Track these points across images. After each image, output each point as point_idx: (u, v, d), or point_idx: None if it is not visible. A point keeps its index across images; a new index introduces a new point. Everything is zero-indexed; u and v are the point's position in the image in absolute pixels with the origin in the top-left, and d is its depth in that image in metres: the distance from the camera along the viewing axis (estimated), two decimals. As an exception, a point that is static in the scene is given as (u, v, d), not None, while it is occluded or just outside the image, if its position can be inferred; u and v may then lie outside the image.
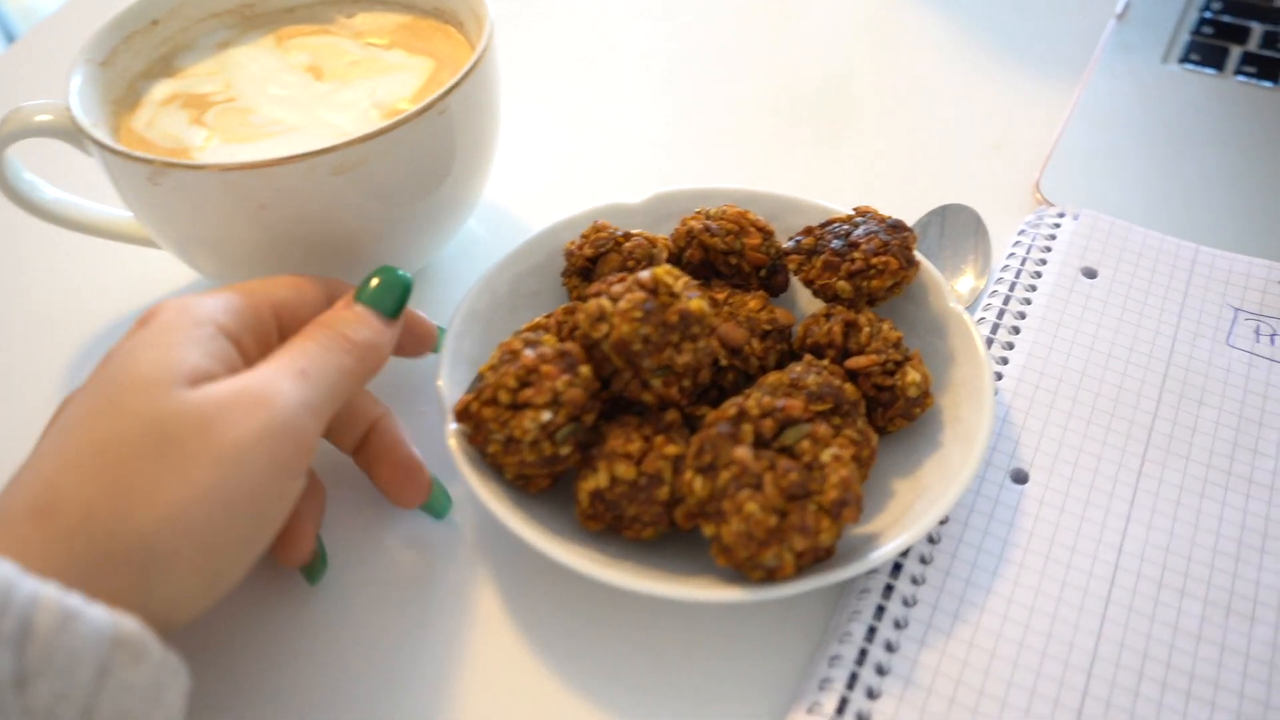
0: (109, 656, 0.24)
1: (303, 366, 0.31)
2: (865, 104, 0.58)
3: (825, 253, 0.39)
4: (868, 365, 0.36)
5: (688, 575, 0.33)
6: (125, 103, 0.44)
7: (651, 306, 0.33)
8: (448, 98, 0.39)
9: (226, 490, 0.27)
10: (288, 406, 0.29)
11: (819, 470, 0.31)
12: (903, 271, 0.38)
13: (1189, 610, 0.34)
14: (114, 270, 0.50)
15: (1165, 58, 0.58)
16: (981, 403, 0.36)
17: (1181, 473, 0.38)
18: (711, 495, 0.31)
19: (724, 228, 0.40)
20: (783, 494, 0.31)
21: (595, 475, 0.33)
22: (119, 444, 0.27)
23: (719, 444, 0.32)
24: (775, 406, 0.32)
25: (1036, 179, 0.51)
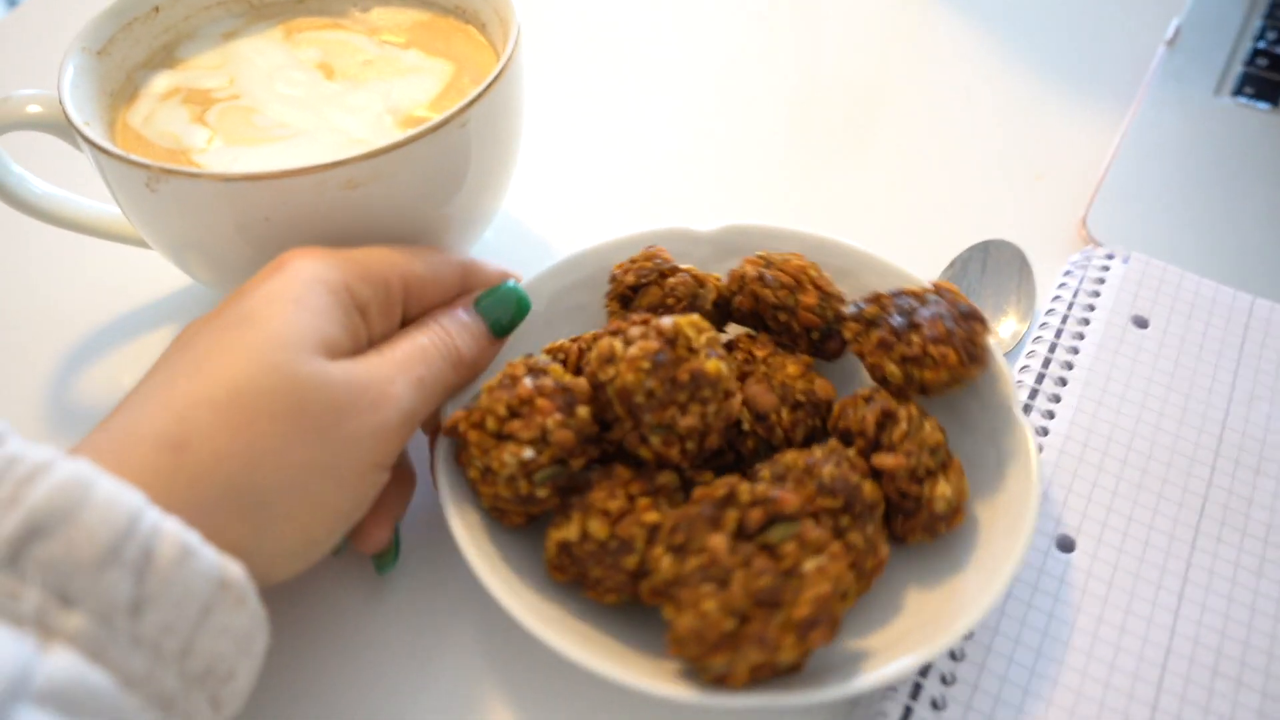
0: (215, 596, 0.25)
1: (421, 375, 0.31)
2: (902, 126, 0.56)
3: (883, 328, 0.34)
4: (895, 466, 0.32)
5: (646, 652, 0.30)
6: (123, 95, 0.41)
7: (664, 359, 0.30)
8: (470, 109, 0.36)
9: (339, 470, 0.29)
10: (400, 412, 0.30)
11: (796, 580, 0.27)
12: (963, 368, 0.33)
13: (1245, 703, 0.32)
14: (106, 270, 0.47)
15: (1218, 89, 0.56)
16: (1018, 534, 0.31)
17: (1237, 549, 0.36)
18: (676, 579, 0.28)
19: (779, 280, 0.36)
20: (750, 598, 0.27)
21: (568, 525, 0.31)
22: (257, 395, 0.27)
23: (696, 526, 0.29)
24: (768, 497, 0.29)
25: (1083, 215, 0.48)
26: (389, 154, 0.35)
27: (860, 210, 0.50)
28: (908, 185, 0.52)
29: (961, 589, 0.31)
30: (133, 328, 0.45)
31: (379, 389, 0.30)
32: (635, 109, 0.58)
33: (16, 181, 0.40)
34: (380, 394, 0.30)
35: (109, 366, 0.43)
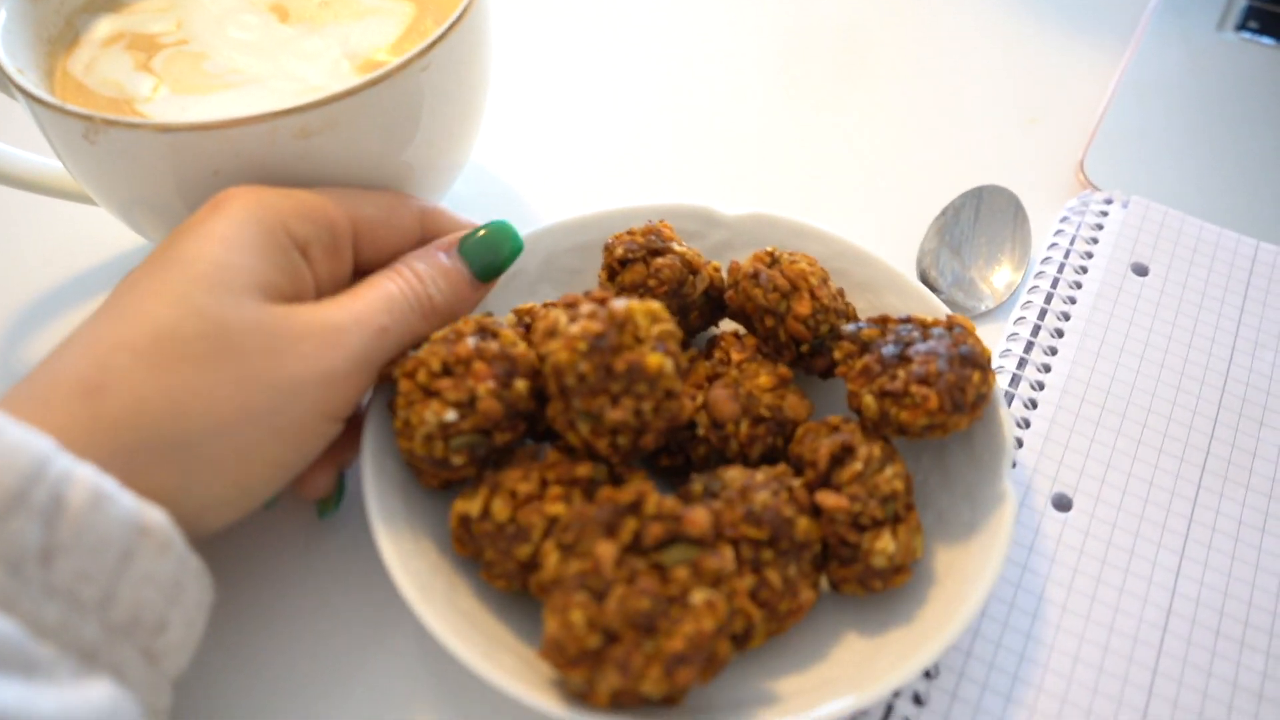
0: (134, 542, 0.24)
1: (384, 324, 0.29)
2: (892, 69, 0.53)
3: (873, 354, 0.31)
4: (835, 508, 0.29)
5: (534, 646, 0.29)
6: (61, 41, 0.38)
7: (603, 344, 0.28)
8: (431, 51, 0.34)
9: (275, 418, 0.27)
10: (351, 361, 0.28)
11: (679, 608, 0.25)
12: (944, 415, 0.30)
13: (1250, 664, 0.31)
14: (53, 229, 0.45)
15: (1221, 24, 0.53)
16: (963, 604, 0.28)
17: (1240, 504, 0.34)
18: (556, 580, 0.26)
19: (774, 282, 0.33)
20: (624, 617, 0.25)
21: (473, 499, 0.29)
22: (180, 338, 0.26)
23: (588, 528, 0.26)
24: (675, 514, 0.27)
25: (1080, 158, 0.46)
26: (345, 100, 0.32)
27: (853, 156, 0.48)
28: (901, 131, 0.50)
29: (896, 643, 0.29)
30: (83, 289, 0.43)
31: (325, 336, 0.28)
32: (617, 57, 0.55)
33: (-48, 136, 0.38)
34: (326, 341, 0.28)
35: (56, 331, 0.41)
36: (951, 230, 0.43)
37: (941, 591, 0.30)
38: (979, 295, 0.41)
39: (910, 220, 0.43)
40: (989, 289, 0.41)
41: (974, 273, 0.41)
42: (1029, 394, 0.37)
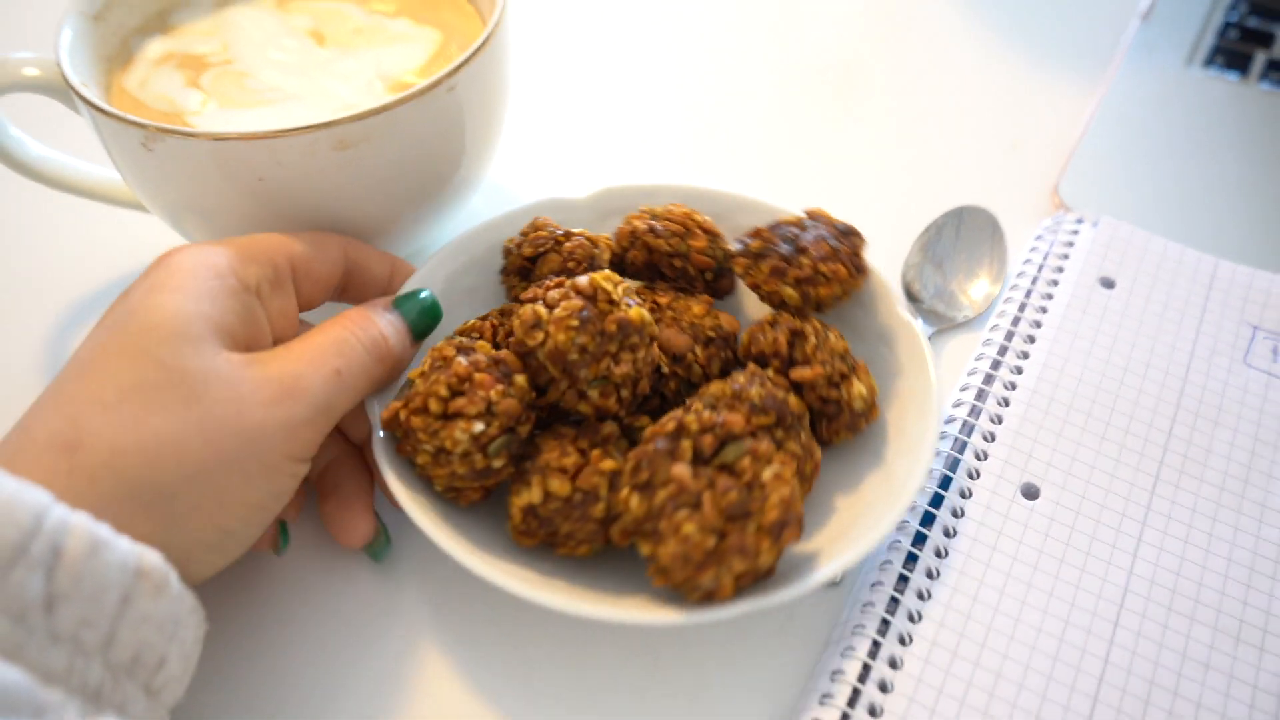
0: (132, 586, 0.25)
1: (339, 367, 0.31)
2: (878, 96, 0.57)
3: (773, 257, 0.36)
4: (813, 377, 0.34)
5: (624, 594, 0.31)
6: (118, 59, 0.42)
7: (589, 315, 0.31)
8: (457, 74, 0.37)
9: (245, 462, 0.28)
10: (314, 405, 0.30)
11: (759, 489, 0.29)
12: (851, 280, 0.37)
13: (1198, 638, 0.33)
14: (103, 233, 0.48)
15: (1189, 60, 0.57)
16: (926, 417, 0.34)
17: (1195, 495, 0.37)
18: (648, 514, 0.30)
19: (669, 229, 0.38)
20: (722, 514, 0.29)
21: (529, 490, 0.32)
22: (145, 390, 0.27)
23: (656, 461, 0.30)
24: (715, 422, 0.30)
25: (1055, 182, 0.50)
26: (379, 115, 0.36)
27: (845, 178, 0.52)
28: (888, 155, 0.53)
29: (890, 476, 0.34)
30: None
31: (284, 382, 0.29)
32: (621, 81, 0.59)
33: (15, 144, 0.41)
34: (285, 387, 0.29)
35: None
36: (934, 246, 0.46)
37: (898, 421, 0.36)
38: (959, 306, 0.44)
39: (897, 237, 0.46)
40: (968, 300, 0.44)
41: (954, 285, 0.45)
42: (1002, 393, 0.40)
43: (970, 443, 0.38)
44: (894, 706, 0.31)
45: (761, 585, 0.30)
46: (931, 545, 0.35)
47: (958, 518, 0.36)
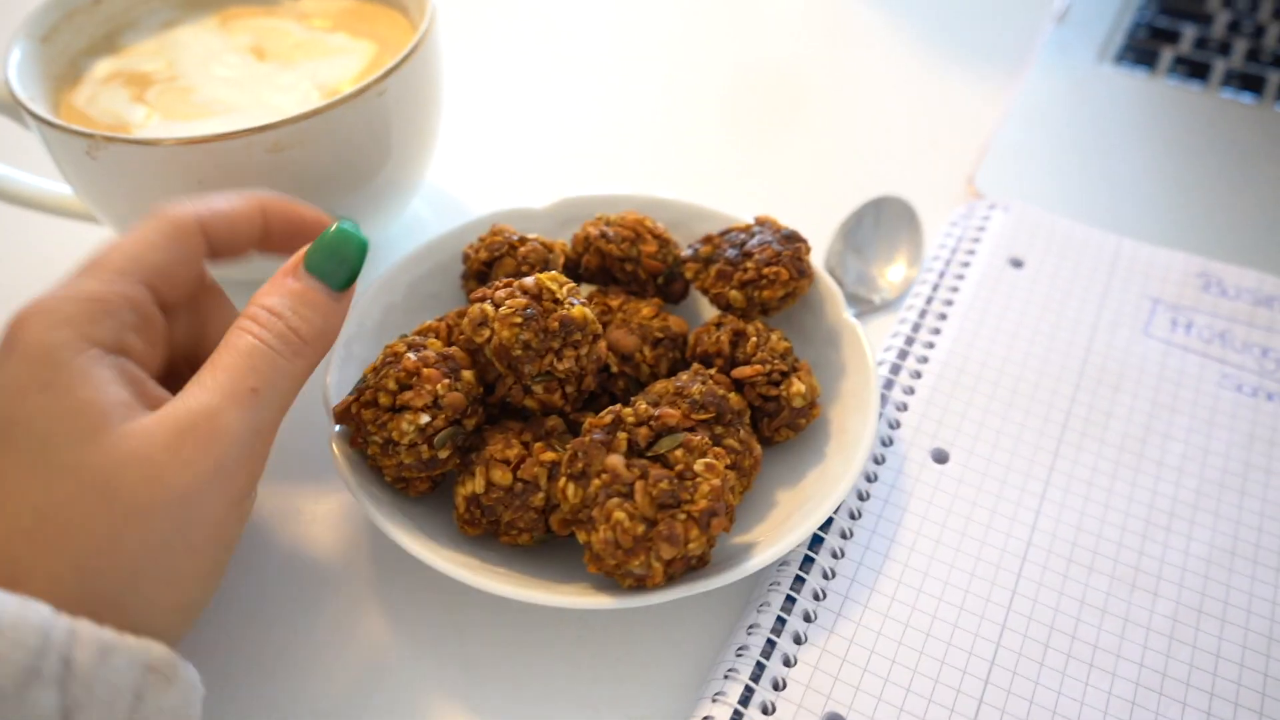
0: (143, 682, 0.25)
1: (254, 385, 0.28)
2: (806, 98, 0.60)
3: (720, 262, 0.39)
4: (753, 375, 0.36)
5: (563, 581, 0.33)
6: (66, 79, 0.44)
7: (533, 313, 0.33)
8: (386, 79, 0.40)
9: (188, 534, 0.27)
10: (239, 438, 0.27)
11: (690, 480, 0.31)
12: (794, 282, 0.38)
13: (1096, 585, 0.35)
14: (55, 247, 0.50)
15: (1100, 57, 0.60)
16: (866, 416, 0.36)
17: (1096, 455, 0.39)
18: (583, 503, 0.31)
19: (621, 234, 0.40)
20: (653, 503, 0.30)
21: (472, 480, 0.33)
22: (63, 508, 0.25)
23: (592, 452, 0.32)
24: (651, 415, 0.32)
25: (971, 173, 0.52)
26: (311, 119, 0.38)
27: (769, 179, 0.54)
28: (814, 154, 0.55)
29: (827, 473, 0.35)
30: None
31: (202, 429, 0.27)
32: (559, 85, 0.61)
33: (-32, 162, 0.43)
34: (206, 432, 0.27)
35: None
36: (855, 234, 0.48)
37: (840, 421, 0.37)
38: (878, 289, 0.46)
39: (821, 226, 0.49)
40: (886, 284, 0.46)
41: (874, 270, 0.47)
42: (915, 366, 0.42)
43: (884, 413, 0.40)
44: (807, 657, 0.33)
45: (695, 573, 0.32)
46: (845, 509, 0.37)
47: (871, 482, 0.38)
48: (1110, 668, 0.33)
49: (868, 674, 0.33)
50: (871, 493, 0.38)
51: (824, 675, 0.33)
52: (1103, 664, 0.33)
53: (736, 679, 0.32)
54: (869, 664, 0.33)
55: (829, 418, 0.38)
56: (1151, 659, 0.34)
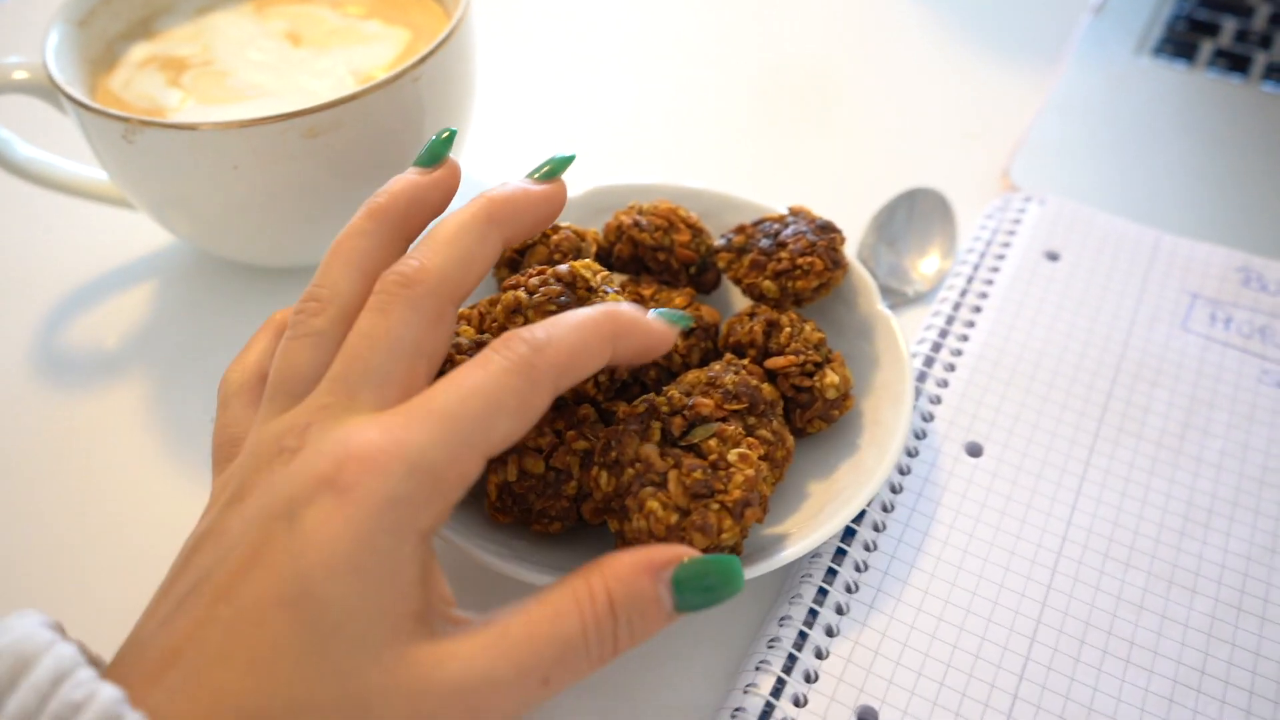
0: None
1: (548, 676, 0.24)
2: (840, 89, 0.59)
3: (753, 252, 0.39)
4: (786, 366, 0.36)
5: None
6: (102, 63, 0.44)
7: (567, 300, 0.33)
8: (420, 66, 0.40)
9: None
10: (507, 717, 0.24)
11: (724, 470, 0.31)
12: (828, 273, 0.38)
13: (1132, 581, 0.35)
14: (88, 231, 0.50)
15: (1138, 50, 0.59)
16: (900, 408, 0.36)
17: (1133, 450, 0.39)
18: (616, 491, 0.31)
19: (654, 223, 0.40)
20: (686, 492, 0.30)
21: (504, 469, 0.33)
22: (315, 714, 0.22)
23: (625, 440, 0.31)
24: (685, 404, 0.32)
25: (1006, 166, 0.52)
26: (346, 104, 0.38)
27: (803, 171, 0.54)
28: (848, 146, 0.55)
29: (860, 465, 0.35)
30: (116, 285, 0.48)
31: (478, 699, 0.23)
32: (590, 76, 0.61)
33: (2, 144, 0.43)
34: (477, 708, 0.23)
35: (93, 323, 0.46)
36: (888, 226, 0.48)
37: (874, 413, 0.37)
38: (911, 281, 0.46)
39: (853, 218, 0.48)
40: (919, 276, 0.46)
41: (906, 262, 0.46)
42: (949, 359, 0.42)
43: (917, 405, 0.40)
44: (839, 649, 0.33)
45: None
46: (878, 501, 0.37)
47: (904, 475, 0.38)
48: (1148, 664, 0.33)
49: (900, 667, 0.33)
50: (904, 485, 0.37)
51: (856, 668, 0.32)
52: (1140, 661, 0.33)
53: (768, 670, 0.32)
54: (902, 657, 0.33)
55: (862, 409, 0.38)
56: (1189, 656, 0.33)
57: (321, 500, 0.23)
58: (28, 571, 0.36)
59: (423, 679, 0.23)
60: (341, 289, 0.28)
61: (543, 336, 0.26)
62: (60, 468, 0.40)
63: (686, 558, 0.26)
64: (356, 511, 0.22)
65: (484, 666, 0.23)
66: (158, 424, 0.42)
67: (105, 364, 0.44)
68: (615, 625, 0.25)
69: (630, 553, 0.26)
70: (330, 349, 0.27)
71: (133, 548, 0.37)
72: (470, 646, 0.23)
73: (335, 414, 0.25)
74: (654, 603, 0.25)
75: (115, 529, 0.38)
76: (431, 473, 0.23)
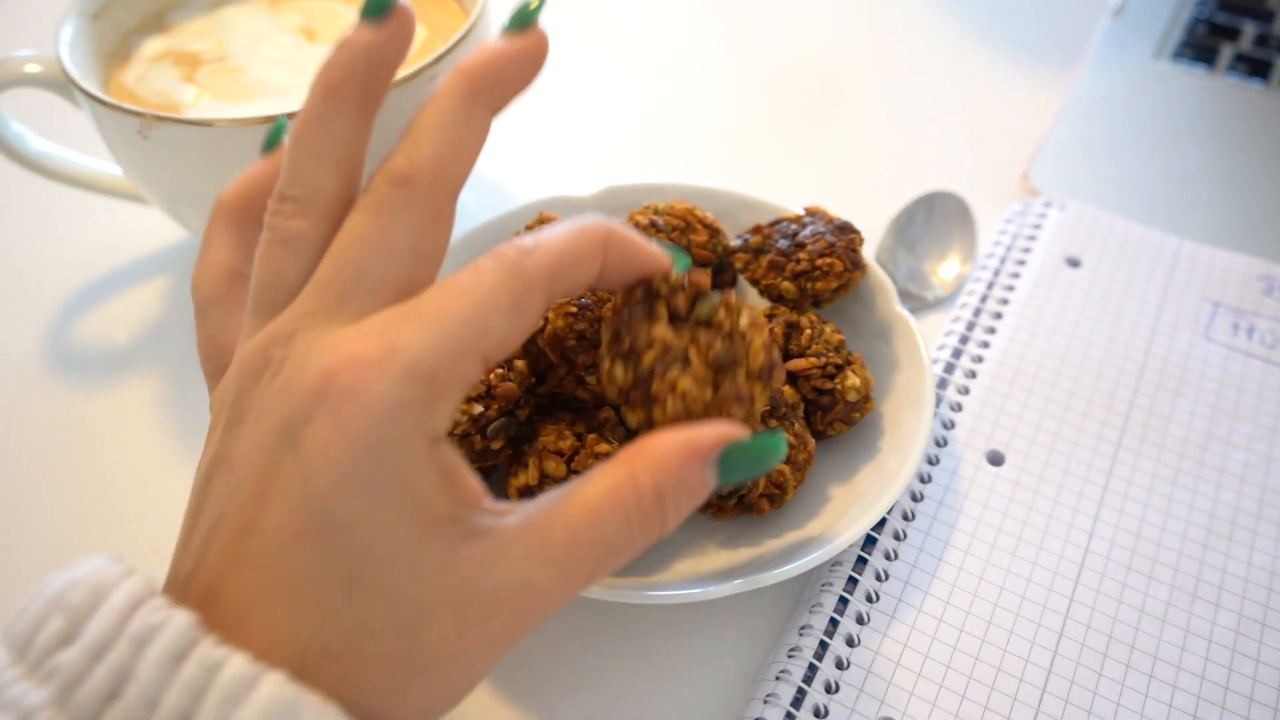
0: None
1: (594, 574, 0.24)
2: (857, 91, 0.59)
3: (771, 253, 0.38)
4: (807, 368, 0.36)
5: (618, 575, 0.33)
6: (116, 57, 0.43)
7: (587, 302, 0.33)
8: (438, 64, 0.39)
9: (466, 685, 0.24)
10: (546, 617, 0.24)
11: (741, 338, 0.29)
12: (848, 274, 0.37)
13: (1155, 594, 0.35)
14: (101, 226, 0.50)
15: (1158, 54, 0.59)
16: (921, 410, 0.36)
17: (1155, 461, 0.38)
18: (635, 382, 0.29)
19: (670, 224, 0.39)
20: (710, 366, 0.28)
21: (525, 472, 0.33)
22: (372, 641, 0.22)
23: (636, 326, 0.28)
24: (682, 281, 0.30)
25: (1025, 170, 0.51)
26: (364, 102, 0.37)
27: (818, 174, 0.53)
28: (864, 148, 0.55)
29: (882, 470, 0.35)
30: (128, 280, 0.47)
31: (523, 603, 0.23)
32: (608, 76, 0.60)
33: (16, 138, 0.43)
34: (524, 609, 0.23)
35: (104, 318, 0.46)
36: (906, 230, 0.47)
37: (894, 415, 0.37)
38: (930, 286, 0.45)
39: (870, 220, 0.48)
40: (939, 281, 0.46)
41: (926, 267, 0.46)
42: (969, 366, 0.41)
43: (938, 412, 0.40)
44: (860, 659, 0.32)
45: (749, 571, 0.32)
46: (898, 509, 0.36)
47: (925, 482, 0.37)
48: (1170, 679, 0.32)
49: (922, 679, 0.32)
50: (925, 493, 0.37)
51: (877, 678, 0.32)
52: (1163, 675, 0.33)
53: (789, 680, 0.32)
54: (923, 669, 0.32)
55: (882, 412, 0.38)
56: (1213, 671, 0.33)
57: (319, 417, 0.22)
58: (37, 566, 0.36)
59: (466, 588, 0.22)
60: (317, 186, 0.26)
61: (531, 242, 0.25)
62: (70, 463, 0.40)
63: (733, 438, 0.25)
64: (356, 425, 0.21)
65: (525, 573, 0.23)
66: (168, 419, 0.41)
67: (116, 359, 0.44)
68: (663, 516, 0.24)
69: (672, 437, 0.25)
70: (314, 252, 0.25)
71: (143, 542, 0.37)
72: (511, 553, 0.23)
73: (320, 321, 0.23)
74: (701, 486, 0.25)
75: (124, 523, 0.38)
76: (429, 376, 0.22)
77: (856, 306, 0.41)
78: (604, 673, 0.33)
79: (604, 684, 0.33)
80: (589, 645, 0.34)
